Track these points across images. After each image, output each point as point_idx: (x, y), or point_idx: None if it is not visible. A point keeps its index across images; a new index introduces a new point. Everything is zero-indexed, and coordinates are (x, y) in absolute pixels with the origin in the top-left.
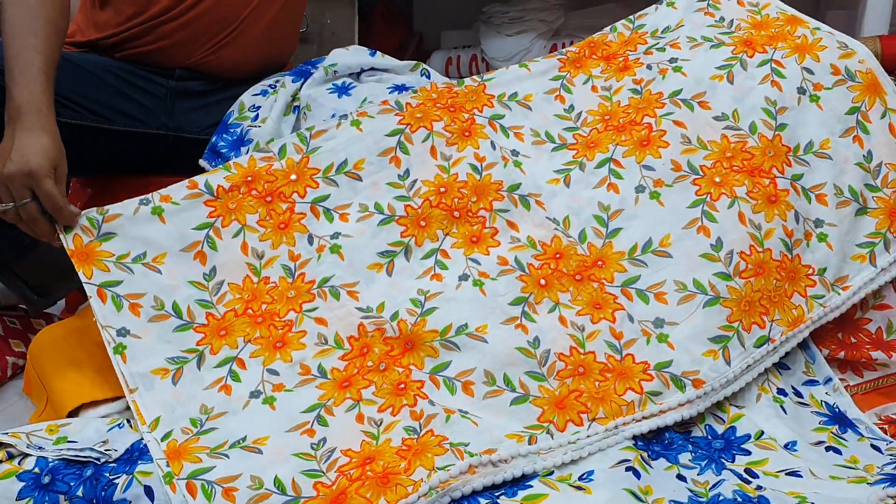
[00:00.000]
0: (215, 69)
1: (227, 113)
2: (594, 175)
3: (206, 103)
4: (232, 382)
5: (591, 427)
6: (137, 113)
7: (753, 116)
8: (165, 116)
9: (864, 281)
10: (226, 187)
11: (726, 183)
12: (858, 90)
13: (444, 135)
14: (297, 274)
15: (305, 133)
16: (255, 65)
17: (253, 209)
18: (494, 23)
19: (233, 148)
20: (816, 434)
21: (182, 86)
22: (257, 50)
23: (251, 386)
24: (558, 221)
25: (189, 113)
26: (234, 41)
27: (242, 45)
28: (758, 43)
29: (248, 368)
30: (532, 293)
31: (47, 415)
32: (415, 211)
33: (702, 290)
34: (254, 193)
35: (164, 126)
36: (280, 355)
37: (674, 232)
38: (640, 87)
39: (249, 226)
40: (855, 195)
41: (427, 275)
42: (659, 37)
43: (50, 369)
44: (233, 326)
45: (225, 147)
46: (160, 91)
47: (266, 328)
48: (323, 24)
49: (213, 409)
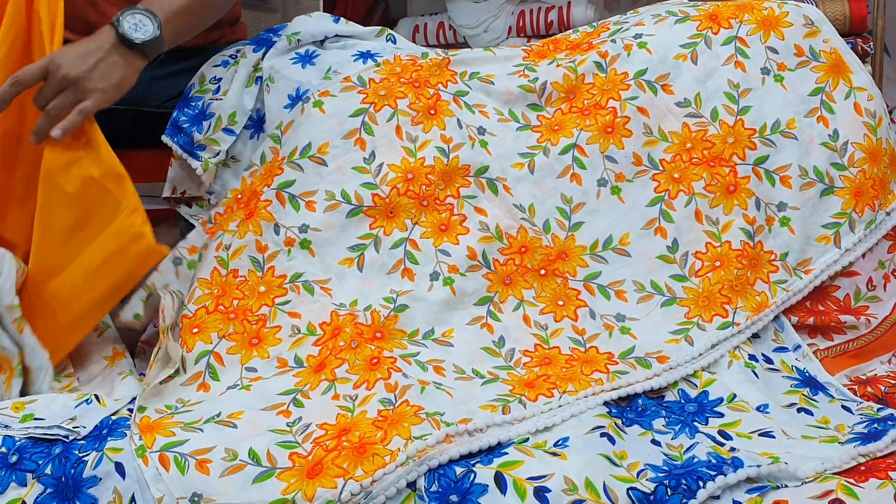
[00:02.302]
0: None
1: (188, 85)
2: (558, 162)
3: (163, 74)
4: (210, 381)
5: (563, 398)
6: None
7: (716, 101)
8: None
9: (826, 264)
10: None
11: (685, 178)
12: (822, 70)
13: (409, 113)
14: (266, 267)
15: (276, 132)
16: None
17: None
18: None
19: (194, 122)
20: (788, 397)
21: None
22: (188, 14)
23: (229, 382)
24: (524, 209)
25: (147, 84)
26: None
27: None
28: (723, 16)
29: (226, 366)
30: (497, 292)
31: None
32: (382, 200)
33: (659, 292)
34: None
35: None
36: (257, 352)
37: (633, 231)
38: (605, 63)
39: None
40: (820, 176)
41: (398, 269)
42: (623, 22)
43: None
44: (205, 323)
45: (186, 122)
46: None
47: (240, 323)
48: None
49: (189, 400)
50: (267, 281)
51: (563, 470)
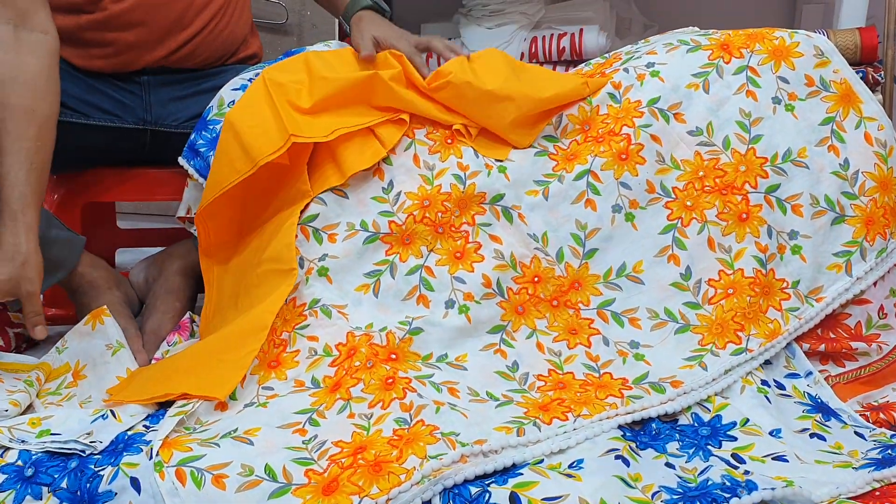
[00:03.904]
0: (175, 65)
1: (206, 108)
2: (573, 188)
3: (182, 95)
4: (228, 400)
5: (577, 421)
6: (114, 108)
7: (727, 130)
8: (142, 111)
9: (838, 292)
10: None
11: (697, 206)
12: (833, 100)
13: (426, 143)
14: (289, 299)
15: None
16: (214, 56)
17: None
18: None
19: (212, 146)
20: (800, 422)
21: (155, 79)
22: (211, 40)
23: (246, 400)
24: (537, 238)
25: (165, 105)
26: (178, 38)
27: (193, 41)
28: (734, 46)
29: (244, 387)
30: (510, 321)
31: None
32: (399, 227)
33: (672, 319)
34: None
35: (142, 120)
36: (275, 374)
37: (646, 258)
38: (619, 94)
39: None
40: (831, 204)
41: (413, 295)
42: (634, 52)
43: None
44: None
45: (204, 146)
46: (135, 87)
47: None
48: (303, 16)
49: (207, 420)
50: (289, 310)
51: (579, 491)
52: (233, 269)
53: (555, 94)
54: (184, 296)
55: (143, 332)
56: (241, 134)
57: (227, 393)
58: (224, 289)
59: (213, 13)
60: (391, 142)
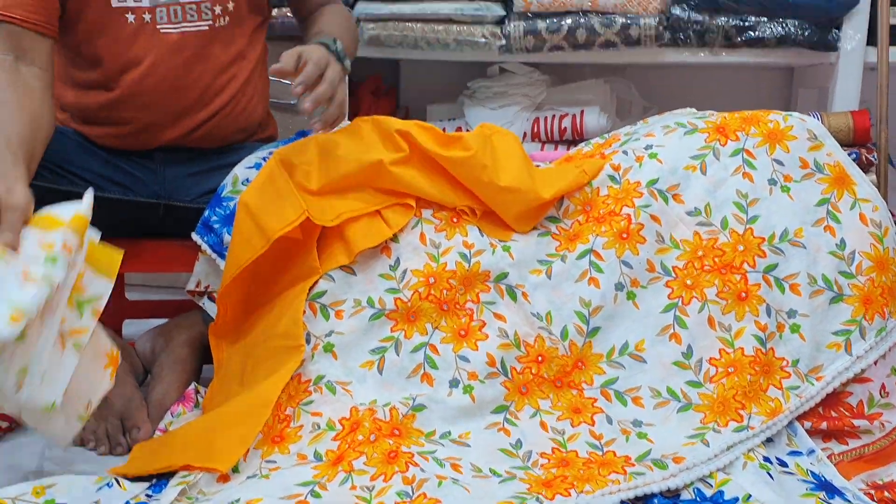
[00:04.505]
0: (191, 144)
1: (220, 185)
2: (576, 267)
3: (196, 171)
4: (231, 473)
5: (580, 497)
6: (128, 181)
7: (725, 211)
8: (156, 185)
9: (838, 370)
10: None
11: (697, 285)
12: (827, 182)
13: (433, 221)
14: (294, 375)
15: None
16: (229, 137)
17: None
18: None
19: (225, 223)
20: (804, 500)
21: (170, 156)
22: (227, 124)
23: (248, 472)
24: (541, 317)
25: (180, 180)
26: (194, 119)
27: (209, 123)
28: (730, 129)
29: (247, 461)
30: (514, 401)
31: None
32: (404, 304)
33: (675, 398)
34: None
35: (156, 194)
36: (278, 449)
37: (648, 337)
38: (619, 176)
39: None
40: (829, 284)
41: (417, 373)
42: (633, 133)
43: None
44: None
45: (217, 222)
46: (149, 162)
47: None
48: None
49: (209, 491)
50: (294, 387)
51: None
52: (241, 345)
53: (557, 190)
54: (189, 367)
55: (148, 402)
56: (255, 213)
57: (229, 465)
58: (231, 363)
59: (230, 95)
60: (397, 225)
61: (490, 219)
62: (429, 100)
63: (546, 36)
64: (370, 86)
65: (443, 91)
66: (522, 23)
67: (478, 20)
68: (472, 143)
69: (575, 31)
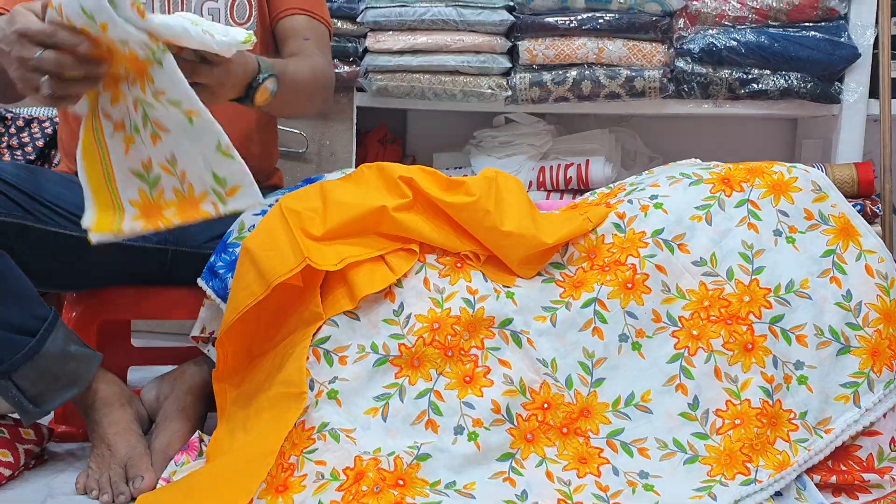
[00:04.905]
0: None
1: (226, 231)
2: (580, 316)
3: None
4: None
5: None
6: None
7: (731, 261)
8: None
9: (847, 423)
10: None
11: (703, 336)
12: (832, 233)
13: (436, 266)
14: (298, 422)
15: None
16: None
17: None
18: (485, 146)
19: (230, 269)
20: None
21: None
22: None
23: None
24: (547, 363)
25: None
26: None
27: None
28: (735, 180)
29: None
30: (519, 448)
31: None
32: (408, 350)
33: (681, 449)
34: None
35: (164, 240)
36: (282, 499)
37: (654, 387)
38: (624, 224)
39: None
40: (836, 335)
41: (422, 420)
42: (638, 183)
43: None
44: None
45: (223, 268)
46: None
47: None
48: (322, 144)
49: None
50: (297, 434)
51: None
52: (244, 391)
53: (560, 236)
54: (193, 415)
55: (152, 450)
56: (257, 259)
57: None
58: (235, 410)
59: (237, 146)
60: (401, 270)
61: (494, 264)
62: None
63: (551, 87)
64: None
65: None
66: (528, 74)
67: (484, 72)
68: (475, 189)
69: (580, 83)
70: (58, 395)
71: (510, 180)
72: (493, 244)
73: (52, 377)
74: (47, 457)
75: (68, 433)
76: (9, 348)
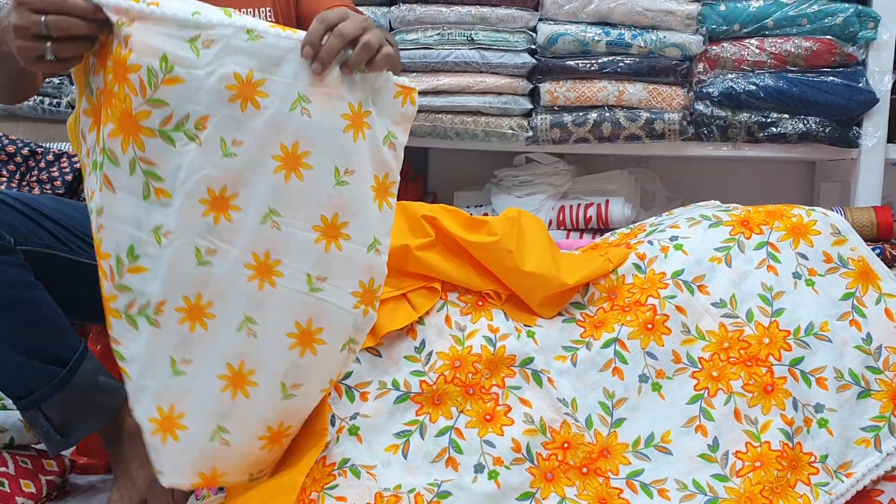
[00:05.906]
0: None
1: None
2: (601, 356)
3: None
4: None
5: None
6: None
7: (750, 303)
8: None
9: (868, 467)
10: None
11: (723, 377)
12: (851, 276)
13: (458, 304)
14: (319, 458)
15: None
16: None
17: None
18: (505, 185)
19: None
20: None
21: None
22: None
23: None
24: (567, 403)
25: None
26: None
27: None
28: (754, 222)
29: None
30: (539, 488)
31: None
32: (430, 387)
33: (701, 491)
34: None
35: None
36: None
37: (674, 428)
38: (644, 265)
39: None
40: (856, 378)
41: (442, 458)
42: (658, 224)
43: None
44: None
45: None
46: None
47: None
48: None
49: None
50: (319, 470)
51: None
52: None
53: (581, 277)
54: None
55: None
56: None
57: None
58: None
59: None
60: (423, 308)
61: (515, 303)
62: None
63: (572, 128)
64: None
65: (470, 178)
66: (549, 116)
67: (505, 112)
68: (497, 229)
69: (600, 125)
70: (85, 426)
71: (533, 221)
72: (514, 284)
73: (80, 408)
74: (69, 488)
75: (90, 465)
76: (40, 378)
